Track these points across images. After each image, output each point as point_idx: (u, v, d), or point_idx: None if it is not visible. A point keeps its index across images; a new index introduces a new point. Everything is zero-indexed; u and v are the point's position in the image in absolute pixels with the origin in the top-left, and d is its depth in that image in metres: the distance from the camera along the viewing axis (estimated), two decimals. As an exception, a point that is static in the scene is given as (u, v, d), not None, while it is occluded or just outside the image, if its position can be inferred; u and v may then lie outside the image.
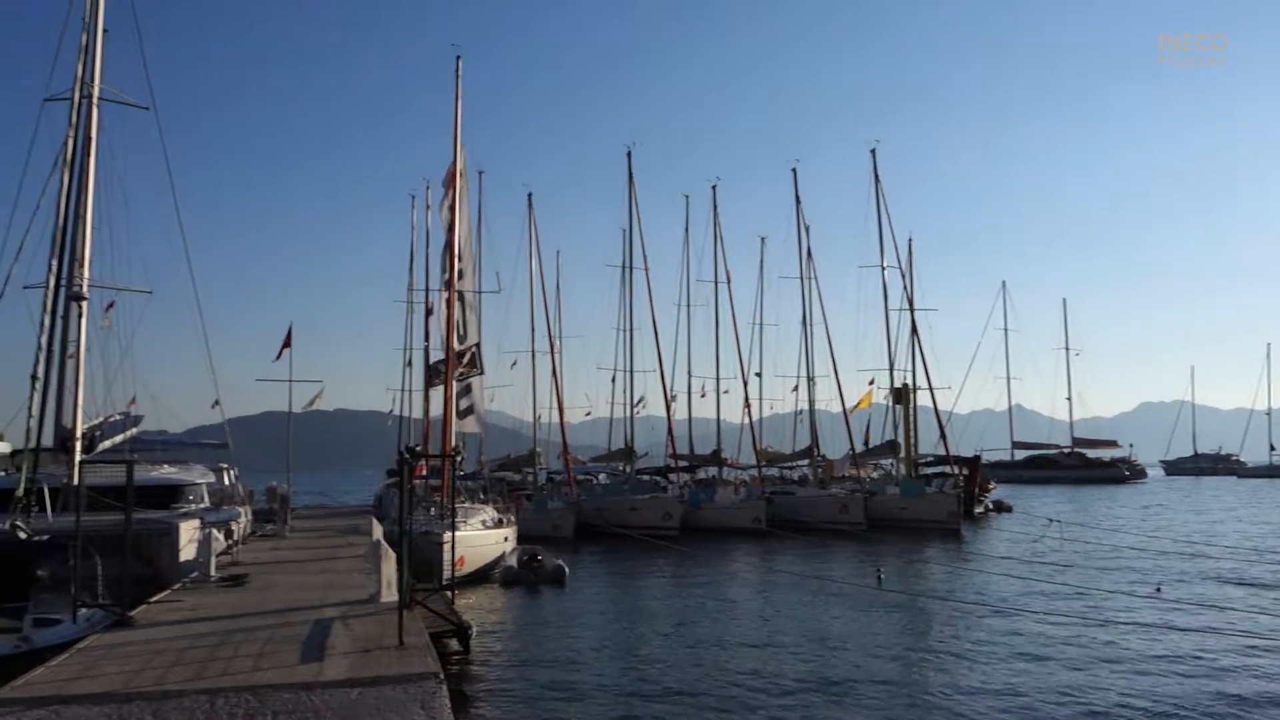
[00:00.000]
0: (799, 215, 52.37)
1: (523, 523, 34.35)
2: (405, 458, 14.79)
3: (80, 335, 24.64)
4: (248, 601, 16.23)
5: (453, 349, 30.64)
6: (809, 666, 15.19)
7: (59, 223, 23.31)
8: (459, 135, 30.72)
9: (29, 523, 19.75)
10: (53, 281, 23.06)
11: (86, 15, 24.60)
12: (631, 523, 38.70)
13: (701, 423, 57.02)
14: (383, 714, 9.08)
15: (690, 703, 13.00)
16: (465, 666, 15.06)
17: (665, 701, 13.10)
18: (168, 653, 11.74)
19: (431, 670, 10.50)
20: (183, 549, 21.10)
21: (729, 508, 43.38)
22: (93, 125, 25.04)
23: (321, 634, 12.90)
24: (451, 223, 30.99)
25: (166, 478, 26.81)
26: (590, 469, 56.22)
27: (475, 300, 34.37)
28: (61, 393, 24.69)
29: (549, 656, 16.29)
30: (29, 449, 22.08)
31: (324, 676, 10.35)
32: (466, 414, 32.39)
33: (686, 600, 22.97)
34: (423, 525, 24.62)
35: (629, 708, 12.81)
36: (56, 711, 9.12)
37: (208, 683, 10.07)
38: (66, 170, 23.56)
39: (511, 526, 30.93)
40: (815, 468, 52.33)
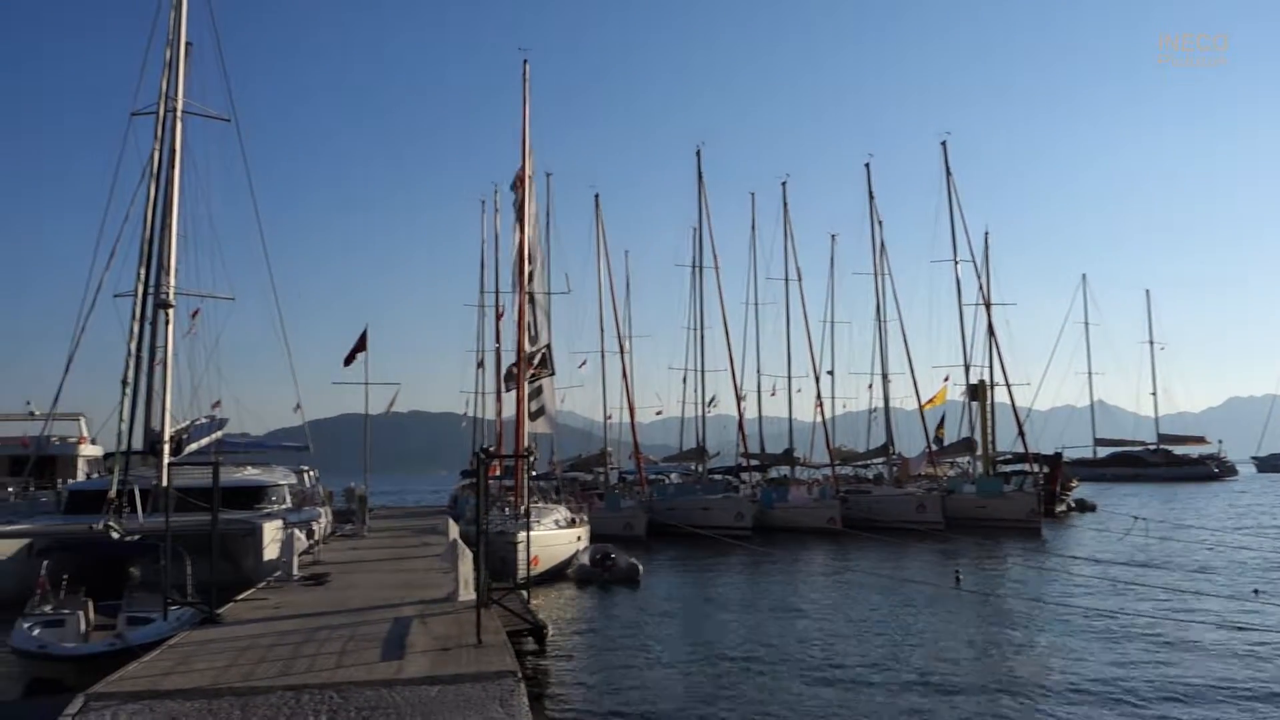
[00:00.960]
0: (872, 210, 51.75)
1: (595, 522, 34.50)
2: (481, 458, 14.96)
3: (168, 341, 25.44)
4: (329, 600, 16.56)
5: (524, 351, 30.93)
6: (887, 666, 14.98)
7: (146, 233, 24.13)
8: (527, 137, 31.03)
9: (121, 523, 20.43)
10: (141, 290, 23.86)
11: (170, 32, 25.39)
12: (704, 522, 38.60)
13: (773, 421, 56.70)
14: (462, 711, 9.18)
15: (766, 703, 12.90)
16: (541, 665, 15.17)
17: (741, 701, 13.03)
18: (254, 650, 12.04)
19: (510, 668, 10.59)
20: (266, 549, 21.67)
21: (802, 507, 43.00)
22: (177, 138, 25.84)
23: (401, 632, 13.11)
24: (520, 225, 31.29)
25: (250, 479, 27.52)
26: (662, 469, 56.26)
27: (545, 302, 34.57)
28: (150, 397, 25.54)
29: (624, 655, 16.32)
30: (120, 452, 22.85)
31: (404, 674, 10.50)
32: (538, 415, 32.65)
33: (761, 600, 22.84)
34: (497, 525, 24.89)
35: (705, 707, 12.76)
36: (150, 706, 9.41)
37: (293, 679, 10.29)
38: (153, 182, 24.35)
39: (584, 526, 31.10)
40: (890, 466, 51.61)
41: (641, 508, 41.13)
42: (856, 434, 59.66)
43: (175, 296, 25.77)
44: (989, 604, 21.16)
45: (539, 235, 35.34)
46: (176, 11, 25.70)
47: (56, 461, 43.98)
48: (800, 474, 53.45)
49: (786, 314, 53.02)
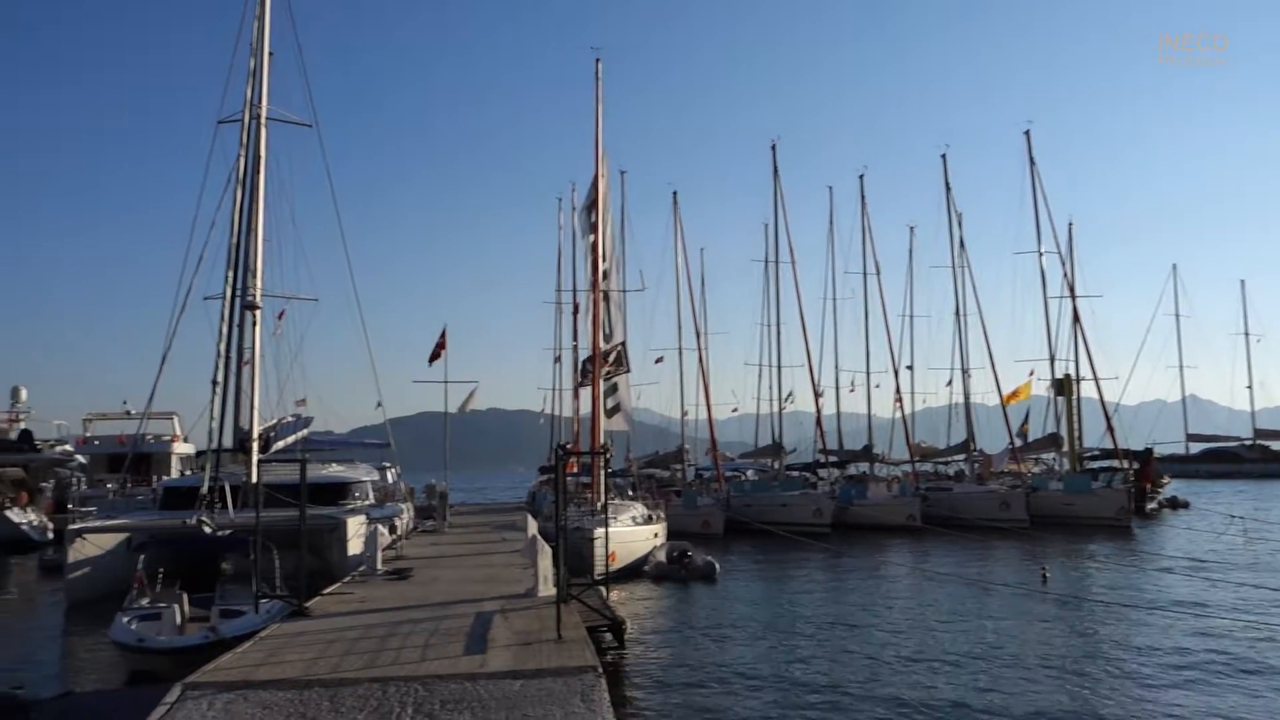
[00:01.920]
0: (950, 202, 50.76)
1: (672, 519, 34.49)
2: (560, 455, 15.07)
3: (255, 342, 26.16)
4: (412, 594, 16.85)
5: (600, 348, 31.08)
6: (969, 666, 14.69)
7: (233, 237, 24.81)
8: (600, 136, 31.15)
9: (213, 518, 21.05)
10: (229, 292, 24.55)
11: (254, 41, 26.08)
12: (781, 519, 38.30)
13: (851, 418, 56.03)
14: (544, 705, 9.26)
15: (843, 701, 12.76)
16: (620, 661, 15.21)
17: (818, 699, 12.90)
18: (341, 642, 12.30)
19: (590, 663, 10.65)
20: (350, 543, 22.13)
21: (881, 504, 42.42)
22: (261, 144, 26.52)
23: (483, 626, 13.27)
24: (596, 223, 31.43)
25: (335, 476, 28.14)
26: (738, 465, 56.00)
27: (621, 299, 34.75)
28: (239, 397, 26.25)
29: (702, 652, 16.30)
30: (211, 450, 23.56)
31: (487, 668, 10.63)
32: (614, 412, 32.78)
33: (839, 597, 22.60)
34: (574, 521, 25.04)
35: (783, 705, 12.66)
36: (244, 695, 9.68)
37: (379, 672, 10.50)
38: (239, 187, 25.03)
39: (661, 523, 31.13)
40: (972, 463, 50.59)
41: (718, 505, 41.01)
42: (936, 430, 58.71)
43: (261, 298, 26.47)
44: (1078, 605, 20.60)
45: (614, 233, 35.45)
46: (259, 22, 26.38)
47: (152, 459, 45.68)
48: (879, 471, 52.70)
49: (864, 308, 52.33)
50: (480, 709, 9.18)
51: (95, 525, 22.78)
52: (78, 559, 21.52)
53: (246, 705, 9.39)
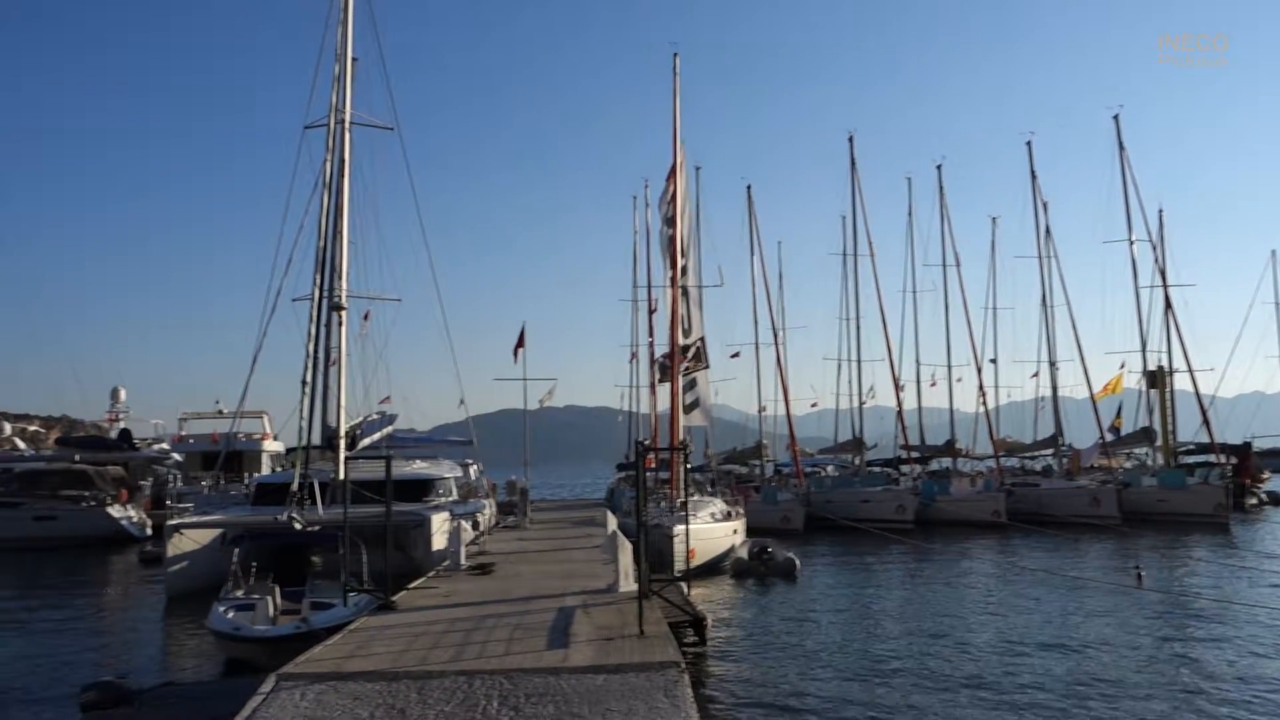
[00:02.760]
0: (1035, 191, 49.48)
1: (751, 515, 34.31)
2: (639, 450, 15.10)
3: (341, 342, 26.76)
4: (495, 589, 17.08)
5: (677, 344, 31.06)
6: (1060, 667, 14.31)
7: (320, 240, 25.42)
8: (678, 132, 31.09)
9: (303, 514, 21.60)
10: (316, 294, 25.17)
11: (338, 47, 26.67)
12: (863, 515, 37.85)
13: (933, 412, 55.05)
14: (627, 700, 9.29)
15: (928, 701, 12.53)
16: (702, 657, 15.18)
17: (902, 698, 12.69)
18: (427, 636, 12.52)
19: (673, 659, 10.65)
20: (435, 539, 22.49)
21: (965, 500, 41.62)
22: (346, 148, 27.11)
23: (565, 621, 13.38)
24: (673, 219, 31.41)
25: (419, 473, 28.64)
26: (818, 461, 55.52)
27: (698, 295, 34.61)
28: (327, 396, 26.91)
29: (784, 650, 16.18)
30: (300, 447, 24.18)
31: (570, 662, 10.72)
32: (692, 408, 32.73)
33: (923, 595, 22.23)
34: (654, 518, 25.07)
35: (867, 704, 12.49)
36: (335, 686, 9.92)
37: (465, 665, 10.66)
38: (325, 191, 25.65)
39: (740, 519, 31.00)
40: (1060, 458, 49.28)
41: (799, 501, 40.69)
42: (1022, 424, 57.25)
43: (347, 299, 27.07)
44: (1174, 604, 19.93)
45: (690, 228, 35.38)
46: (342, 28, 26.97)
47: (244, 456, 47.08)
48: (962, 466, 51.75)
49: (945, 301, 51.41)
50: (564, 703, 9.25)
51: (192, 521, 23.56)
52: (176, 553, 22.28)
53: (337, 696, 9.61)
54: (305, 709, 9.22)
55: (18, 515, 38.52)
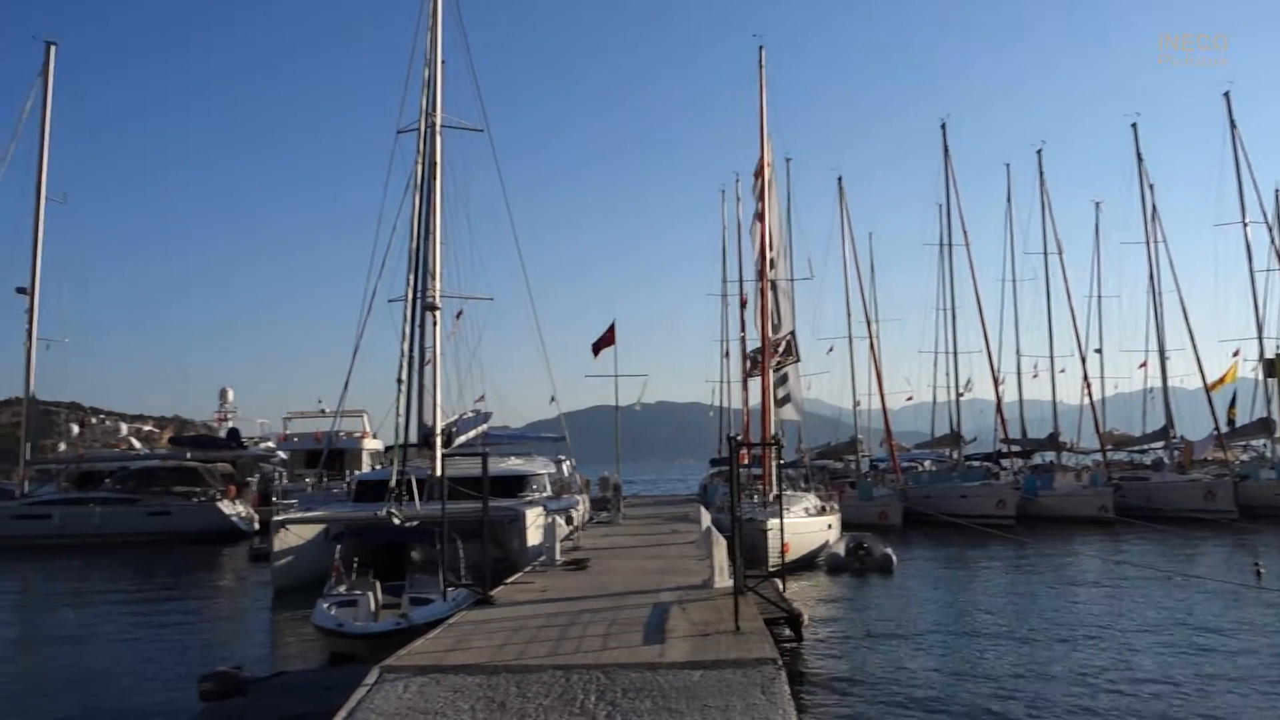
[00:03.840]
0: (1141, 173, 47.76)
1: (846, 510, 33.88)
2: (732, 445, 15.00)
3: (436, 341, 27.28)
4: (590, 584, 17.15)
5: (768, 338, 30.80)
6: (1171, 670, 13.71)
7: (413, 241, 25.92)
8: (765, 124, 30.87)
9: (401, 510, 22.05)
10: (411, 294, 25.67)
11: (427, 52, 27.18)
12: (962, 511, 37.03)
13: (1034, 405, 53.61)
14: (724, 696, 9.22)
15: (1032, 702, 12.13)
16: (798, 653, 15.01)
17: (1006, 698, 12.32)
18: (525, 630, 12.64)
19: (770, 656, 10.54)
20: (529, 534, 22.73)
21: (1070, 495, 40.40)
22: (437, 151, 27.60)
23: (660, 617, 13.36)
24: (762, 212, 31.17)
25: (514, 469, 29.00)
26: (915, 456, 54.54)
27: (788, 288, 34.29)
28: (422, 394, 27.44)
29: (881, 646, 15.90)
30: (398, 445, 24.69)
31: (667, 658, 10.69)
32: (784, 402, 32.44)
33: (1027, 594, 21.60)
34: (747, 513, 24.91)
35: (969, 702, 12.17)
36: (436, 679, 10.08)
37: (562, 659, 10.72)
38: (417, 193, 26.13)
39: (835, 514, 30.62)
40: (1171, 451, 47.40)
41: (895, 496, 40.02)
42: (1130, 416, 55.23)
43: (441, 299, 27.56)
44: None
45: (780, 221, 35.05)
46: (432, 34, 27.47)
47: (345, 454, 48.33)
48: (1066, 460, 50.22)
49: (1046, 289, 50.10)
50: (661, 698, 9.23)
51: (296, 517, 24.26)
52: (282, 548, 22.96)
53: (439, 689, 9.76)
54: (408, 700, 9.39)
55: (134, 511, 40.31)
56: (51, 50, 44.40)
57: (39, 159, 44.03)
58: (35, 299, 43.52)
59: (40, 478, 46.08)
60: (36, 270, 43.72)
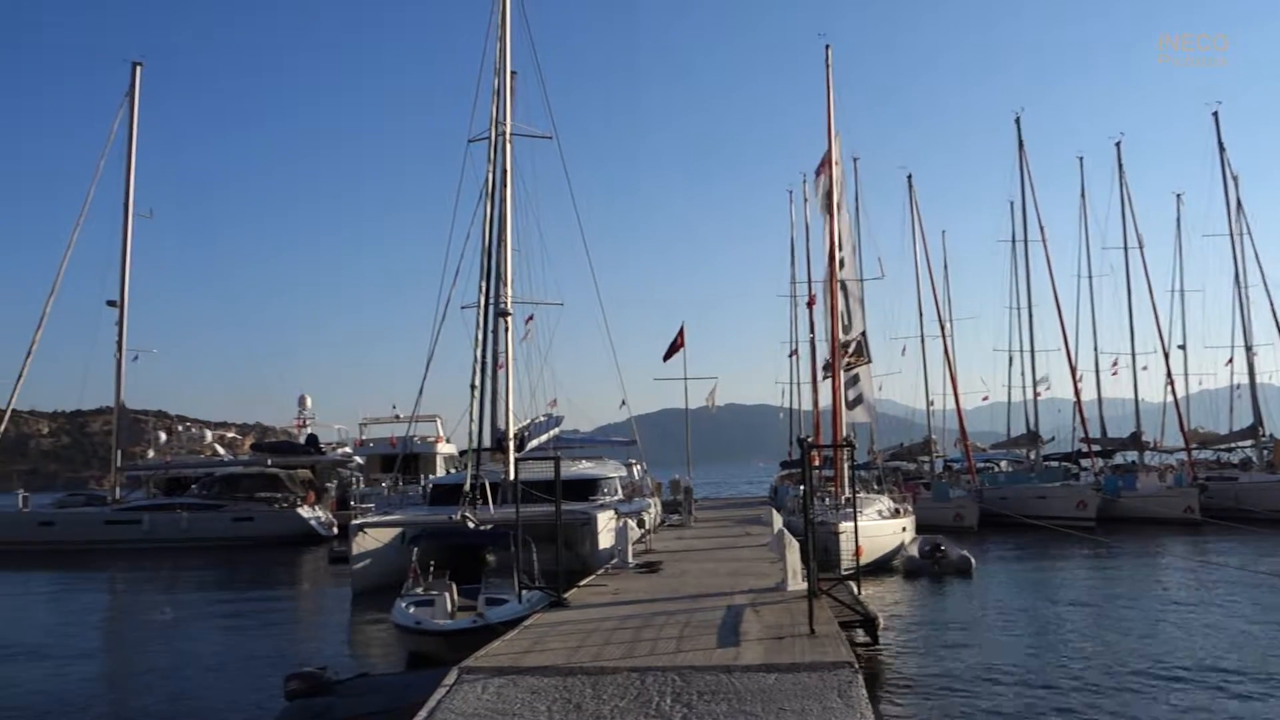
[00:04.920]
0: (1224, 164, 46.25)
1: (921, 512, 33.41)
2: (804, 448, 14.93)
3: (508, 347, 27.64)
4: (663, 587, 17.21)
5: (838, 339, 30.54)
6: (1263, 682, 13.23)
7: (485, 248, 26.30)
8: (832, 124, 30.64)
9: (475, 514, 22.38)
10: (483, 301, 26.05)
11: (497, 62, 27.56)
12: (1040, 512, 36.25)
13: (1114, 403, 52.19)
14: (800, 700, 9.19)
15: (1120, 710, 11.82)
16: (874, 657, 14.87)
17: (1090, 706, 12.02)
18: (599, 632, 12.74)
19: (846, 659, 10.47)
20: (601, 537, 22.89)
21: (1154, 496, 39.27)
22: (507, 158, 27.98)
23: (734, 620, 13.36)
24: (830, 212, 30.93)
25: (585, 472, 29.22)
26: (991, 456, 53.54)
27: (858, 288, 33.95)
28: (495, 399, 27.81)
29: (960, 651, 15.62)
30: (471, 449, 25.07)
31: (741, 660, 10.69)
32: (856, 404, 32.11)
33: (1109, 596, 21.08)
34: (818, 515, 24.73)
35: (1052, 710, 11.91)
36: (513, 680, 10.23)
37: (637, 661, 10.78)
38: (488, 201, 26.51)
39: (909, 516, 30.22)
40: (1260, 449, 45.77)
41: (971, 497, 39.34)
42: (1216, 414, 53.38)
43: (512, 305, 27.90)
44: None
45: (849, 221, 34.76)
46: (501, 44, 27.85)
47: (419, 459, 49.20)
48: (1149, 459, 48.82)
49: (1126, 285, 48.76)
50: (736, 700, 9.24)
51: (374, 520, 24.76)
52: (360, 551, 23.46)
53: (516, 690, 9.90)
54: (487, 701, 9.54)
55: (219, 516, 41.57)
56: (137, 71, 46.10)
57: (126, 176, 45.76)
58: (124, 311, 45.18)
59: (130, 483, 47.82)
60: (125, 284, 45.41)
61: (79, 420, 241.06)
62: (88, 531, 41.43)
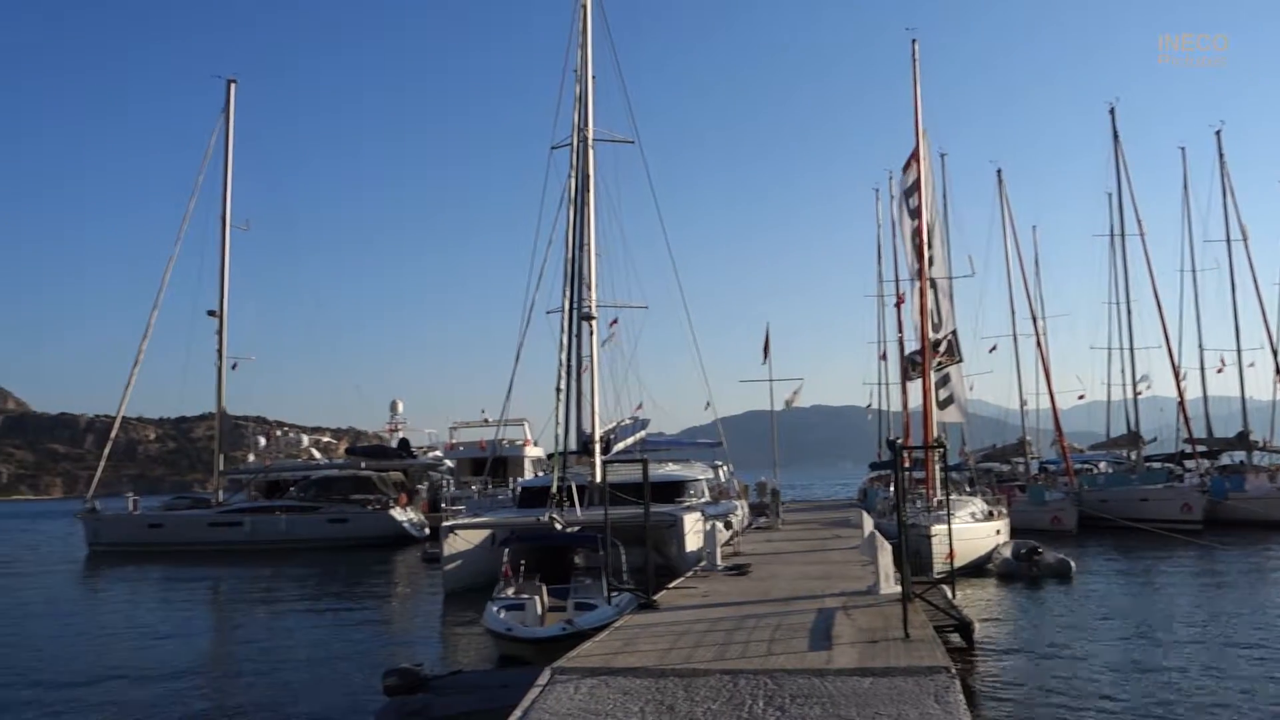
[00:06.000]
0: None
1: (1016, 515, 32.58)
2: (895, 449, 14.70)
3: (593, 350, 27.82)
4: (753, 589, 17.11)
5: (928, 338, 29.97)
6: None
7: (569, 253, 26.52)
8: (919, 119, 30.11)
9: (563, 516, 22.56)
10: (567, 305, 26.27)
11: (578, 67, 27.79)
12: (1142, 515, 35.03)
13: (1220, 401, 50.12)
14: (896, 705, 9.03)
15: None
16: (970, 663, 14.53)
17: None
18: (690, 635, 12.72)
19: (942, 664, 10.27)
20: (688, 539, 22.86)
21: (1265, 498, 37.66)
22: (590, 164, 28.17)
23: (825, 623, 13.21)
24: (917, 209, 30.39)
25: (672, 475, 29.23)
26: (1089, 458, 52.01)
27: (947, 286, 33.27)
28: (580, 402, 28.02)
29: (1059, 658, 15.15)
30: (558, 452, 25.29)
31: (834, 664, 10.56)
32: (947, 404, 31.45)
33: (1218, 603, 20.21)
34: (910, 518, 24.29)
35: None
36: (606, 681, 10.28)
37: (729, 664, 10.74)
38: (571, 206, 26.74)
39: (1003, 519, 29.49)
40: (1380, 448, 43.56)
41: (1069, 499, 38.24)
42: (1331, 412, 51.05)
43: (597, 309, 28.07)
44: None
45: (937, 217, 34.08)
46: (582, 51, 28.09)
47: (508, 462, 49.88)
48: (1259, 459, 46.77)
49: (1231, 279, 46.83)
50: (830, 705, 9.12)
51: (464, 522, 25.15)
52: (451, 552, 23.85)
53: (608, 691, 9.95)
54: (579, 702, 9.61)
55: (316, 518, 42.78)
56: (232, 87, 47.79)
57: (223, 189, 47.45)
58: (224, 320, 46.81)
59: (232, 486, 49.56)
60: (224, 294, 47.07)
61: (183, 426, 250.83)
62: (193, 533, 43.05)
